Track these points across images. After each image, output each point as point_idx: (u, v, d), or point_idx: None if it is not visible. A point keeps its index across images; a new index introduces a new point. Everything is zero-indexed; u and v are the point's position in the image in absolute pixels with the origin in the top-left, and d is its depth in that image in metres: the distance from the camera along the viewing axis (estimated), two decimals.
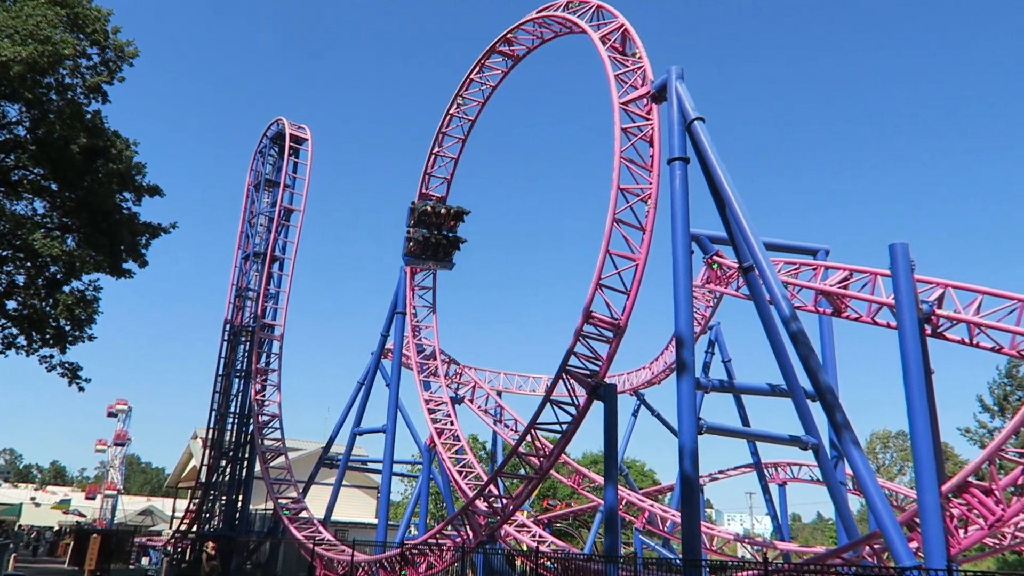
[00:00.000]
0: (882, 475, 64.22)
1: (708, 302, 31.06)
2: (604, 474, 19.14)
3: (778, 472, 34.23)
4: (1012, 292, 16.67)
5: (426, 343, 30.68)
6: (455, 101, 29.61)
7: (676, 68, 18.05)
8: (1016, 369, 46.80)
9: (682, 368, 16.17)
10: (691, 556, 15.33)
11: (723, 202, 17.39)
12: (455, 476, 26.38)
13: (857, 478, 14.69)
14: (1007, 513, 14.47)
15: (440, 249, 25.30)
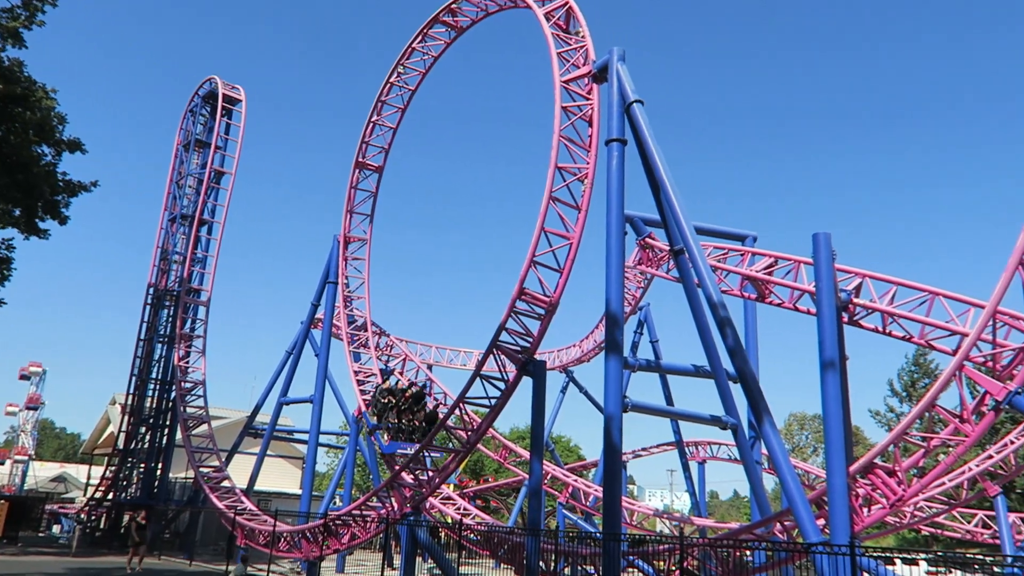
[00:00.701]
0: (797, 455, 67.01)
1: (639, 283, 31.58)
2: (530, 449, 19.37)
3: (698, 451, 35.30)
4: (924, 284, 17.47)
5: (357, 314, 30.33)
6: (395, 70, 29.12)
7: (618, 49, 18.13)
8: (923, 357, 49.36)
9: (611, 347, 16.44)
10: (611, 530, 15.72)
11: (657, 185, 17.65)
12: None
13: (772, 458, 15.25)
14: (907, 493, 15.27)
15: (417, 432, 22.07)
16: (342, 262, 30.09)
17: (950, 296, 17.05)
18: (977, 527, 26.81)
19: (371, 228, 31.03)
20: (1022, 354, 13.88)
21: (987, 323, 14.21)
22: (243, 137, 38.52)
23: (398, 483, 21.21)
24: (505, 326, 18.21)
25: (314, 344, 31.64)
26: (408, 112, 30.18)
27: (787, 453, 15.60)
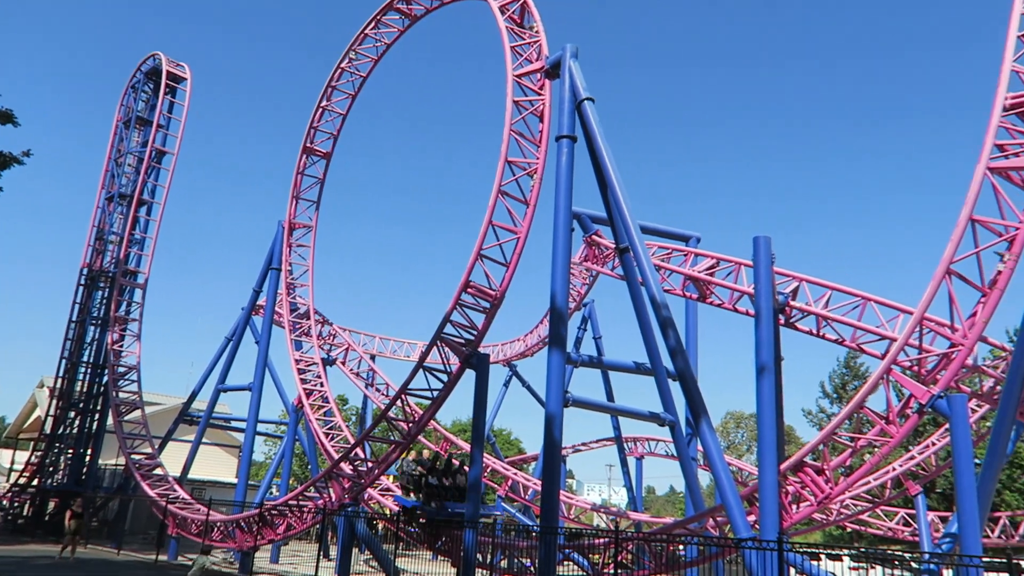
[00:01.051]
0: (732, 453, 68.58)
1: (584, 280, 31.86)
2: (471, 441, 19.40)
3: (637, 446, 35.85)
4: (857, 290, 18.05)
5: (300, 302, 29.85)
6: (347, 55, 28.71)
7: (571, 46, 18.22)
8: (854, 360, 50.93)
9: (554, 341, 16.57)
10: (548, 524, 15.86)
11: (605, 183, 17.83)
12: (321, 438, 25.97)
13: (707, 455, 15.59)
14: (835, 491, 15.79)
15: (454, 493, 19.80)
16: (286, 248, 29.58)
17: (881, 302, 17.65)
18: (899, 525, 27.87)
19: (317, 215, 30.58)
20: (946, 360, 14.45)
21: (914, 329, 14.76)
22: (187, 116, 37.48)
23: (337, 474, 21.00)
24: (450, 318, 18.18)
25: (255, 331, 31.05)
26: (360, 100, 29.84)
27: (722, 451, 15.96)
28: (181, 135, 37.34)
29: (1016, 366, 14.48)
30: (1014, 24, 15.67)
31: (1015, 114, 14.55)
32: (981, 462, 16.22)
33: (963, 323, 14.19)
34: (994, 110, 14.59)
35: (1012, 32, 15.55)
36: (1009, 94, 14.68)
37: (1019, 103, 14.56)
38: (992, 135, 14.35)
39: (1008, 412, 14.83)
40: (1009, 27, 15.67)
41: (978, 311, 14.07)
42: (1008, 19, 15.81)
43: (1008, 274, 13.73)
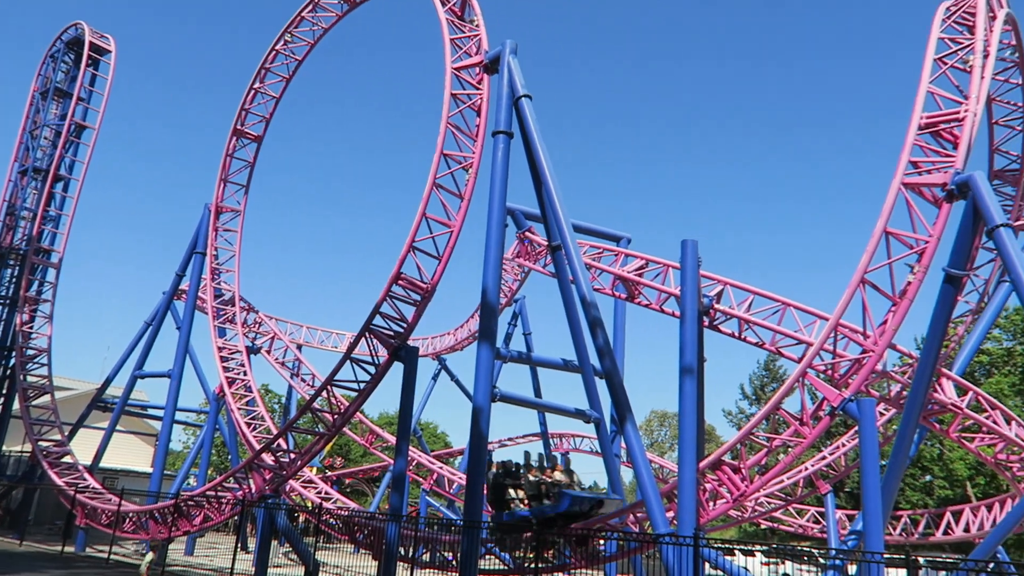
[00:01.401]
0: (655, 451, 70.08)
1: (516, 276, 32.00)
2: (397, 434, 19.27)
3: (562, 442, 36.24)
4: (777, 295, 18.68)
5: (225, 288, 29.06)
6: (282, 37, 28.04)
7: (511, 42, 18.25)
8: (773, 363, 52.77)
9: (484, 336, 16.60)
10: (472, 518, 15.90)
11: (540, 180, 17.93)
12: (243, 428, 25.37)
13: (630, 452, 15.91)
14: (750, 489, 16.33)
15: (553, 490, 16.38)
16: (212, 232, 28.74)
17: (800, 308, 18.32)
18: (809, 522, 29.02)
19: (246, 199, 29.82)
20: (857, 365, 15.10)
21: (829, 335, 15.37)
22: (110, 90, 35.89)
23: (258, 464, 20.56)
24: (380, 310, 18.00)
25: (176, 316, 30.07)
26: (296, 84, 29.18)
27: (644, 448, 16.30)
28: (103, 110, 35.75)
29: (921, 373, 15.26)
30: (931, 48, 16.49)
31: (929, 133, 15.30)
32: (886, 463, 17.05)
33: (874, 330, 14.85)
34: (910, 128, 15.30)
35: (929, 55, 16.36)
36: (924, 114, 15.43)
37: (933, 123, 15.31)
38: (908, 152, 15.05)
39: (912, 416, 15.61)
40: (927, 50, 16.48)
41: (888, 319, 14.75)
42: (926, 42, 16.65)
43: (917, 285, 14.42)
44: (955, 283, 14.88)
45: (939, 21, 17.01)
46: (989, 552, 18.25)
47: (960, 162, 14.53)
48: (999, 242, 13.48)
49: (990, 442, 18.42)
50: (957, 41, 16.60)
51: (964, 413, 17.56)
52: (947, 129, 15.16)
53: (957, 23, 17.11)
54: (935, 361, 15.28)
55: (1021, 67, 20.24)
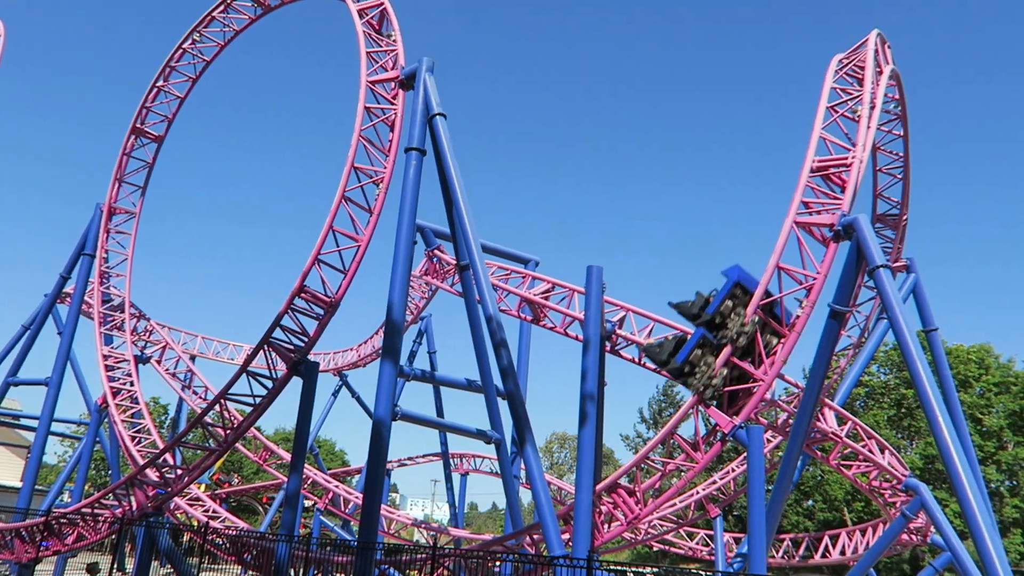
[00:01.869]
0: (554, 472, 70.69)
1: (423, 293, 31.80)
2: (293, 452, 18.70)
3: (463, 463, 36.10)
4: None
5: (115, 293, 27.57)
6: (190, 36, 27.05)
7: (428, 60, 18.26)
8: (671, 389, 54.39)
9: (388, 353, 16.37)
10: (367, 538, 15.57)
11: (451, 199, 17.93)
12: (127, 441, 24.03)
13: (529, 474, 15.99)
14: (644, 512, 16.71)
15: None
16: (103, 234, 27.25)
17: None
18: (699, 544, 29.90)
19: (142, 201, 28.46)
20: (747, 393, 15.71)
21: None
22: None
23: (141, 481, 19.51)
24: (280, 322, 17.50)
25: (58, 321, 28.27)
26: (204, 86, 28.17)
27: (543, 470, 16.43)
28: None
29: (806, 402, 16.05)
30: (824, 96, 17.57)
31: (820, 176, 16.24)
32: (772, 488, 17.79)
33: (764, 360, 15.52)
34: (803, 171, 16.19)
35: (822, 103, 17.41)
36: (816, 158, 16.37)
37: (824, 166, 16.27)
38: (800, 193, 15.91)
39: (797, 443, 16.38)
40: (820, 98, 17.53)
41: (778, 350, 15.45)
42: (820, 91, 17.72)
43: (805, 319, 15.19)
44: (839, 318, 15.77)
45: (832, 72, 18.15)
46: (862, 574, 19.30)
47: (847, 205, 15.46)
48: (879, 282, 14.40)
49: (865, 470, 19.53)
50: (848, 92, 17.74)
51: (843, 442, 18.57)
52: (836, 173, 16.13)
53: (848, 75, 18.29)
54: (819, 391, 16.11)
55: (903, 120, 21.82)
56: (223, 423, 19.01)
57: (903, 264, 22.89)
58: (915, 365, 13.67)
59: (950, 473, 12.90)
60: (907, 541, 21.32)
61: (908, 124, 21.95)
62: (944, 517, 18.46)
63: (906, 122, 21.90)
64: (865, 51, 18.63)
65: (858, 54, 18.75)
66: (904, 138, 22.19)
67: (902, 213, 23.17)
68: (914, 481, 18.61)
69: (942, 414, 13.20)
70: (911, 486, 18.49)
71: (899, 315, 14.11)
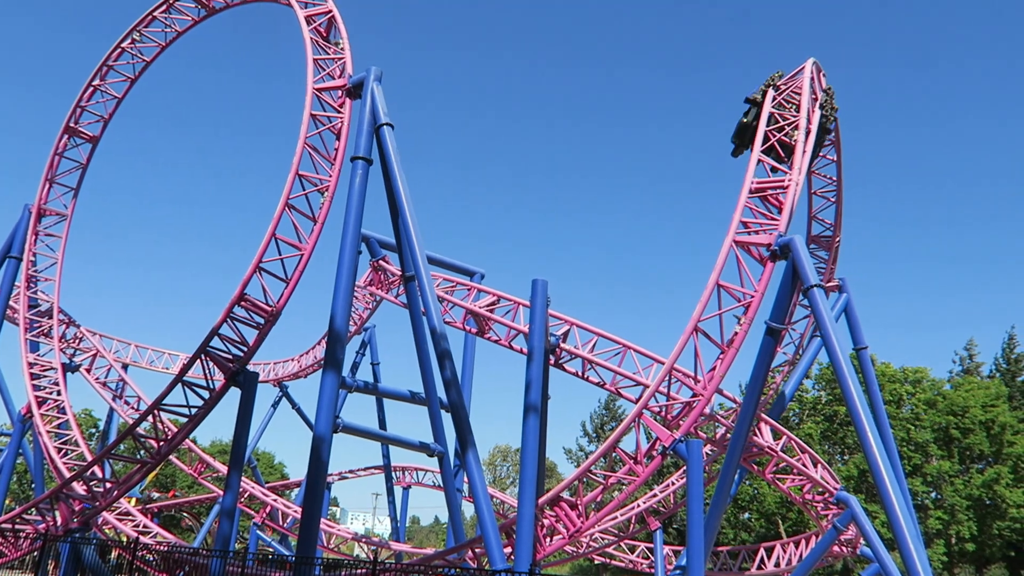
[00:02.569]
0: (497, 486, 70.55)
1: (367, 304, 31.48)
2: (229, 464, 18.24)
3: (405, 476, 35.74)
4: (619, 337, 19.55)
5: (43, 298, 26.53)
6: (130, 35, 26.31)
7: (376, 69, 18.19)
8: (613, 403, 54.96)
9: (330, 363, 16.15)
10: (306, 553, 15.27)
11: (397, 210, 17.86)
12: (52, 453, 23.06)
13: (471, 487, 15.94)
14: (585, 525, 16.83)
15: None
16: (31, 236, 26.23)
17: (639, 351, 19.27)
18: (639, 557, 30.19)
19: (74, 203, 27.50)
20: (688, 408, 16.03)
21: (664, 378, 16.25)
22: None
23: (67, 495, 18.76)
24: (219, 331, 17.11)
25: None
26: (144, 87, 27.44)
27: (486, 484, 16.40)
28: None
29: (743, 417, 16.44)
30: (763, 121, 18.08)
31: (758, 197, 16.72)
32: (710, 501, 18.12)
33: (704, 376, 15.85)
34: (742, 191, 16.65)
35: (761, 127, 17.90)
36: (755, 179, 16.86)
37: (762, 188, 16.76)
38: (739, 213, 16.35)
39: (734, 457, 16.75)
40: (759, 122, 18.04)
41: (717, 366, 15.80)
42: (758, 115, 18.24)
43: (743, 335, 15.59)
44: (775, 335, 16.23)
45: (770, 98, 18.72)
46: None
47: (783, 226, 15.95)
48: (812, 300, 14.88)
49: (800, 483, 20.06)
50: (784, 117, 18.31)
51: (779, 456, 19.04)
52: (773, 195, 16.63)
53: (786, 101, 18.88)
54: (756, 406, 16.52)
55: (836, 145, 22.61)
56: (156, 434, 18.45)
57: (836, 284, 23.64)
58: (846, 381, 14.15)
59: (879, 486, 13.36)
60: (838, 553, 21.94)
61: (841, 149, 22.76)
62: (873, 529, 19.07)
63: (839, 147, 22.69)
64: (802, 78, 19.26)
65: (795, 80, 19.37)
66: (837, 163, 22.97)
67: (835, 235, 23.95)
68: (845, 494, 19.18)
69: (871, 429, 13.69)
70: (842, 499, 19.05)
71: (831, 333, 14.60)
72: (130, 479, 19.30)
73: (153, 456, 18.46)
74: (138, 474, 19.33)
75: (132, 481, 19.53)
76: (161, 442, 18.31)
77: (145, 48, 26.71)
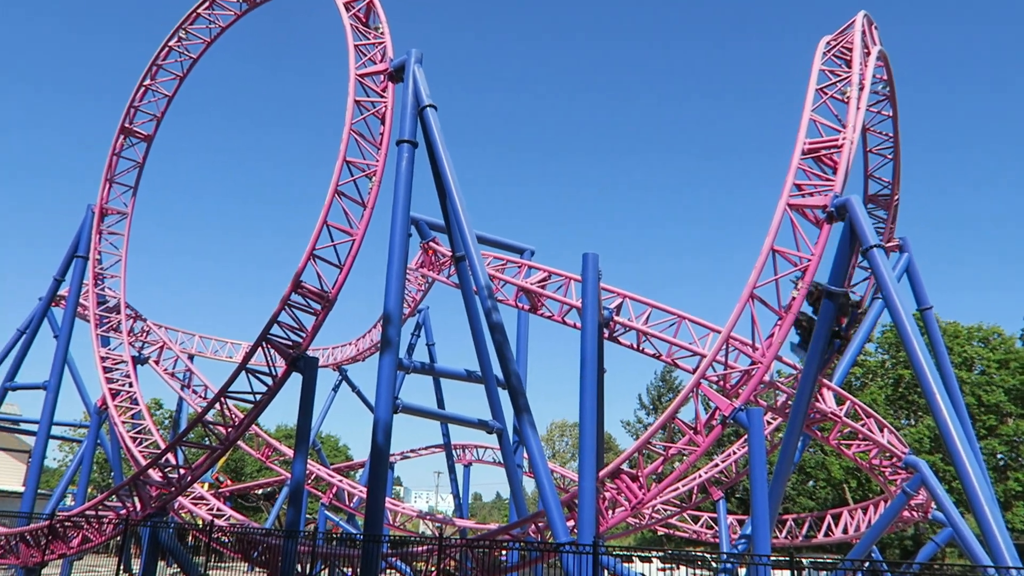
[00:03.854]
0: (556, 461, 70.93)
1: (420, 286, 31.80)
2: (295, 448, 18.74)
3: (465, 453, 36.18)
4: (674, 308, 19.34)
5: (110, 294, 27.54)
6: (176, 34, 26.92)
7: (416, 51, 18.21)
8: (669, 374, 54.56)
9: (386, 346, 16.40)
10: (373, 531, 15.64)
11: (444, 191, 17.94)
12: (128, 443, 24.05)
13: (531, 462, 16.06)
14: (647, 497, 16.80)
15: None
16: (96, 235, 27.19)
17: (694, 321, 19.04)
18: (703, 527, 30.06)
19: (134, 201, 28.39)
20: (746, 376, 15.80)
21: (721, 347, 16.03)
22: None
23: (144, 481, 19.55)
24: (277, 319, 17.51)
25: (54, 324, 28.20)
26: (193, 84, 28.02)
27: (546, 458, 16.49)
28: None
29: (804, 383, 16.13)
30: (813, 79, 17.56)
31: (812, 158, 16.26)
32: (773, 469, 17.90)
33: (762, 343, 15.59)
34: (795, 153, 16.21)
35: (811, 86, 17.40)
36: (807, 140, 16.38)
37: (815, 148, 16.28)
38: (792, 175, 15.93)
39: (797, 424, 16.48)
40: (809, 81, 17.52)
41: (775, 332, 15.51)
42: (809, 72, 17.71)
43: (801, 300, 15.25)
44: (835, 299, 15.82)
45: (820, 54, 18.13)
46: (865, 552, 19.47)
47: (839, 186, 15.49)
48: (872, 261, 14.44)
49: (865, 448, 19.63)
50: (836, 74, 17.72)
51: (842, 421, 18.66)
52: (827, 155, 16.14)
53: (836, 57, 18.27)
54: (817, 372, 16.18)
55: (892, 100, 21.82)
56: (224, 421, 19.04)
57: (896, 244, 22.93)
58: (911, 342, 13.74)
59: (949, 447, 13.00)
60: (908, 518, 21.47)
61: (897, 104, 21.95)
62: (944, 493, 18.61)
63: (895, 102, 21.89)
64: (852, 32, 18.59)
65: (845, 36, 18.72)
66: (893, 118, 22.18)
67: (893, 193, 23.19)
68: (913, 458, 18.73)
69: (939, 391, 13.29)
70: (911, 463, 18.60)
71: (894, 294, 14.17)
72: (202, 465, 20.01)
73: (222, 442, 19.07)
74: (209, 460, 20.03)
75: (204, 467, 20.25)
76: (229, 428, 18.89)
77: (191, 45, 27.27)
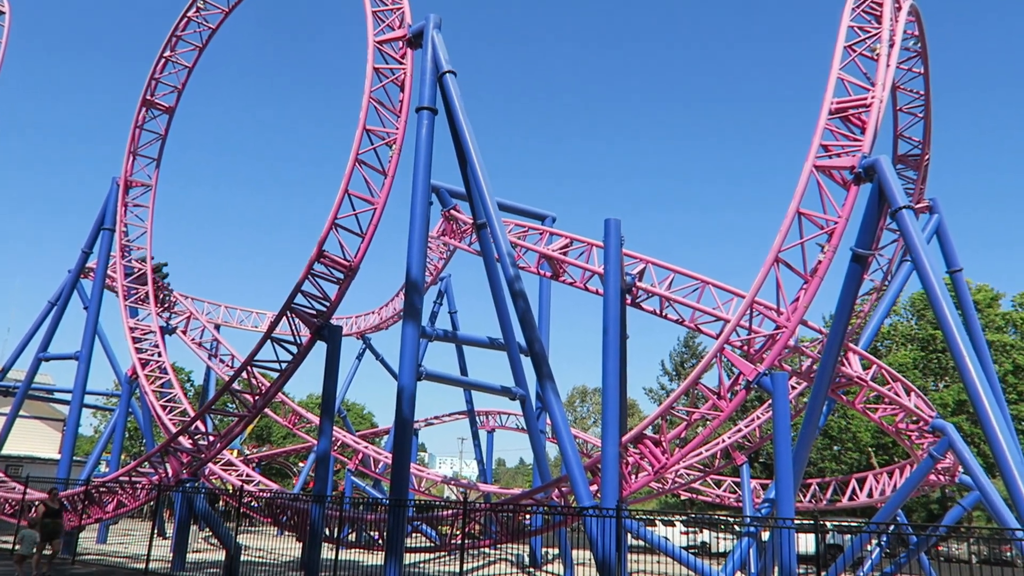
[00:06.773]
0: (578, 426, 71.32)
1: (441, 254, 31.83)
2: (320, 415, 18.99)
3: (488, 420, 36.48)
4: (697, 273, 19.18)
5: (137, 266, 27.87)
6: (194, 3, 26.83)
7: (434, 17, 17.99)
8: (693, 340, 54.32)
9: (409, 313, 16.47)
10: (398, 496, 15.87)
11: (465, 158, 17.82)
12: (158, 411, 24.49)
13: (554, 428, 16.14)
14: (670, 462, 16.83)
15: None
16: (121, 208, 27.45)
17: (718, 285, 18.86)
18: (726, 492, 30.16)
19: (157, 173, 28.57)
20: (771, 341, 15.68)
21: (745, 311, 15.90)
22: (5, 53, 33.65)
23: (174, 448, 19.94)
24: (301, 288, 17.62)
25: (83, 296, 28.66)
26: (212, 55, 27.98)
27: (568, 424, 16.56)
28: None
29: (830, 348, 15.97)
30: (841, 36, 17.09)
31: (839, 118, 15.90)
32: (797, 434, 17.83)
33: (787, 307, 15.44)
34: (821, 113, 15.86)
35: (839, 43, 16.94)
36: (835, 99, 16.01)
37: (843, 108, 15.91)
38: (819, 136, 15.61)
39: (822, 389, 16.36)
40: (837, 38, 17.06)
41: (800, 297, 15.35)
42: (836, 30, 17.24)
43: (827, 264, 15.04)
44: (862, 262, 15.59)
45: (849, 10, 17.61)
46: (890, 515, 19.39)
47: (867, 146, 15.16)
48: (901, 223, 14.17)
49: (891, 412, 19.47)
50: (865, 30, 17.23)
51: (868, 385, 18.49)
52: (855, 114, 15.77)
53: (866, 12, 17.74)
54: (843, 336, 16.01)
55: (923, 57, 21.21)
56: (251, 389, 19.29)
57: (926, 205, 22.48)
58: (940, 304, 13.53)
59: (979, 413, 12.85)
60: (935, 482, 21.35)
61: (928, 61, 21.35)
62: (972, 457, 18.43)
63: (926, 59, 21.30)
64: None
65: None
66: (924, 76, 21.61)
67: (924, 153, 22.69)
68: (941, 422, 18.55)
69: (968, 354, 13.10)
70: (938, 427, 18.44)
71: (923, 256, 13.92)
72: (231, 432, 20.34)
73: (249, 409, 19.36)
74: (237, 427, 20.36)
75: (233, 434, 20.57)
76: (256, 396, 19.14)
77: (210, 15, 27.17)
